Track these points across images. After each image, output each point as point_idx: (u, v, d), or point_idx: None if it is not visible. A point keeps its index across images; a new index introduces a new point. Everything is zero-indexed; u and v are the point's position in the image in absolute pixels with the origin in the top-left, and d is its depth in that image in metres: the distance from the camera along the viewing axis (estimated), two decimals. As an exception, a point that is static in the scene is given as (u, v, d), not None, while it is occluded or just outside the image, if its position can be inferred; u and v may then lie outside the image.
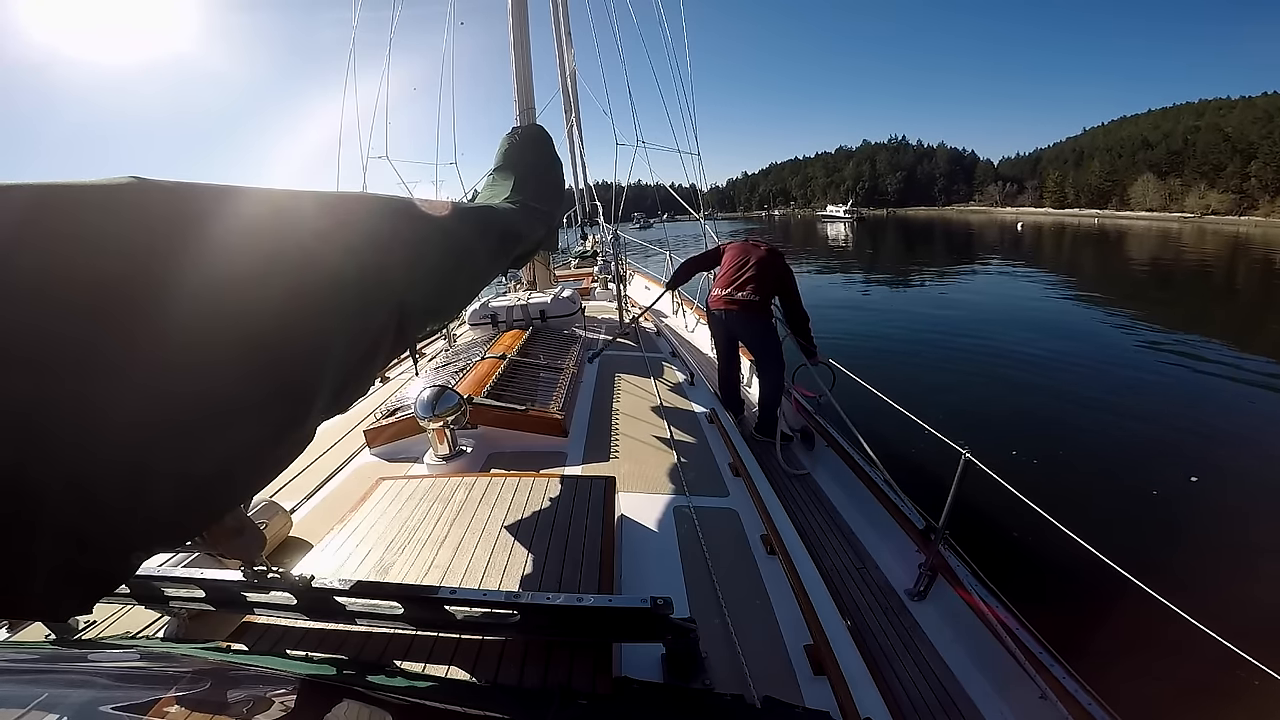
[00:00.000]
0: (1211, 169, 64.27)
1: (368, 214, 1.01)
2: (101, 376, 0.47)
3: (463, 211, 1.57)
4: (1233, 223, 54.26)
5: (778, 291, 3.54)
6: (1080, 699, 1.53)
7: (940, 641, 1.97)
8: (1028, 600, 1.89)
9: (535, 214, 2.29)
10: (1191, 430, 5.93)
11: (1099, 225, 56.49)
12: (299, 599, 0.97)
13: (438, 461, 1.98)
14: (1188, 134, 71.93)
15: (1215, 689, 2.03)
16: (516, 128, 3.07)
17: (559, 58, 6.58)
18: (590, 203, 8.53)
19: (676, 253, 6.98)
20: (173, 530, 0.60)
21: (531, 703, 0.82)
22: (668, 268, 7.09)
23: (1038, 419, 6.34)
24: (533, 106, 4.04)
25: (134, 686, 0.80)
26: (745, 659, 1.15)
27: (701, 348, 5.45)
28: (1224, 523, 4.14)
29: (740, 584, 1.44)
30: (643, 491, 1.80)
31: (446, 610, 0.94)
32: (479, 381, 2.36)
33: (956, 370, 8.25)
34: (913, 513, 2.41)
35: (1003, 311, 12.87)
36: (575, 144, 7.03)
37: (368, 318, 0.90)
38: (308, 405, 0.74)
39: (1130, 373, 8.15)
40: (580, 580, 1.16)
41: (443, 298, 1.30)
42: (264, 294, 0.67)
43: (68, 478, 0.45)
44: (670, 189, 5.53)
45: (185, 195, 0.61)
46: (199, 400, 0.57)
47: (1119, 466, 5.10)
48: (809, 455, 3.36)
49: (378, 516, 1.40)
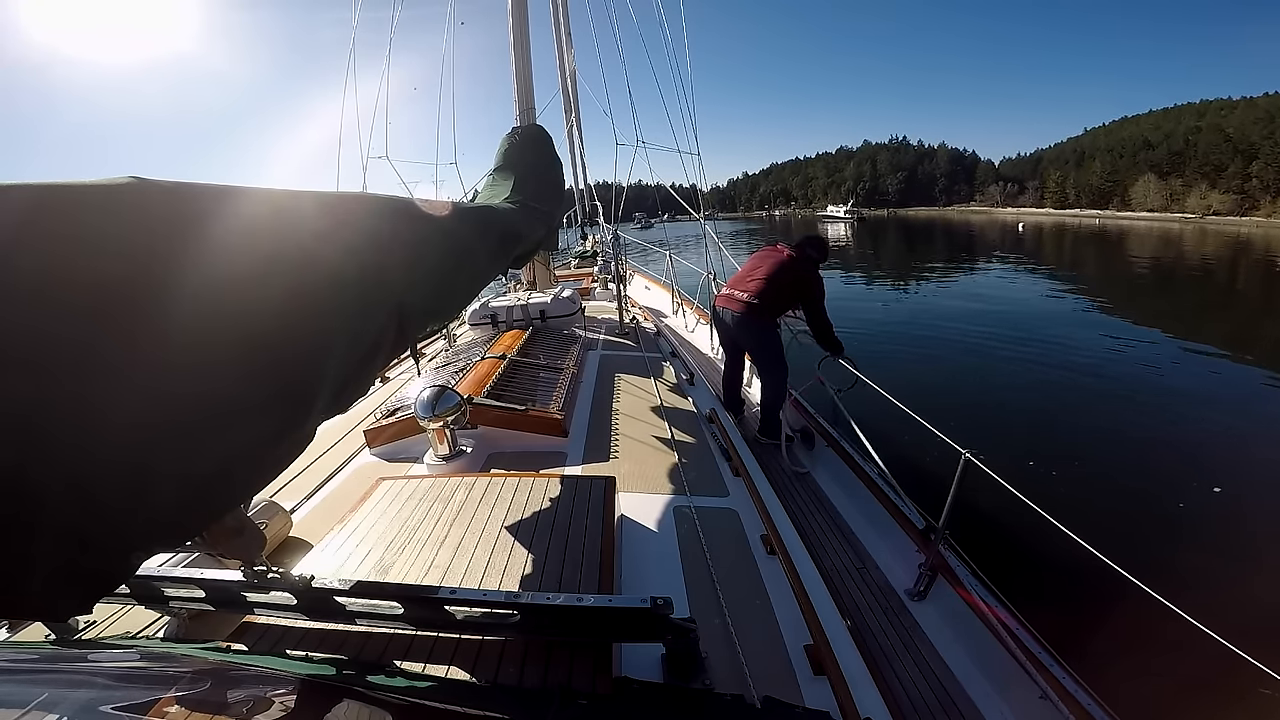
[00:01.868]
0: (1213, 169, 64.23)
1: (368, 214, 1.01)
2: (101, 377, 0.47)
3: (463, 212, 1.57)
4: (1234, 223, 54.22)
5: (796, 298, 3.43)
6: (1080, 699, 1.53)
7: (940, 641, 1.97)
8: (1028, 600, 1.90)
9: (535, 214, 2.29)
10: (1194, 429, 5.93)
11: (1100, 226, 56.47)
12: (299, 599, 0.97)
13: (438, 461, 1.98)
14: (1189, 134, 71.86)
15: (1215, 689, 2.03)
16: (516, 128, 3.07)
17: (559, 58, 6.59)
18: (590, 203, 8.53)
19: (677, 253, 6.98)
20: (173, 530, 0.60)
21: (531, 703, 0.82)
22: (668, 268, 7.10)
23: (1037, 418, 6.34)
24: (533, 106, 4.04)
25: (134, 686, 0.80)
26: (745, 659, 1.15)
27: (701, 348, 5.45)
28: (1223, 523, 4.14)
29: (740, 584, 1.44)
30: (643, 491, 1.80)
31: (446, 610, 0.94)
32: (479, 381, 2.37)
33: (957, 370, 8.26)
34: (913, 513, 2.41)
35: (1004, 311, 12.85)
36: (575, 144, 7.04)
37: (368, 318, 0.90)
38: (308, 405, 0.74)
39: (1129, 370, 8.15)
40: (580, 580, 1.16)
41: (443, 298, 1.30)
42: (264, 294, 0.67)
43: (68, 478, 0.45)
44: (670, 189, 5.53)
45: (185, 195, 0.61)
46: (199, 400, 0.57)
47: (1118, 466, 5.10)
48: (809, 455, 3.35)
49: (378, 517, 1.40)
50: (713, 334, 5.28)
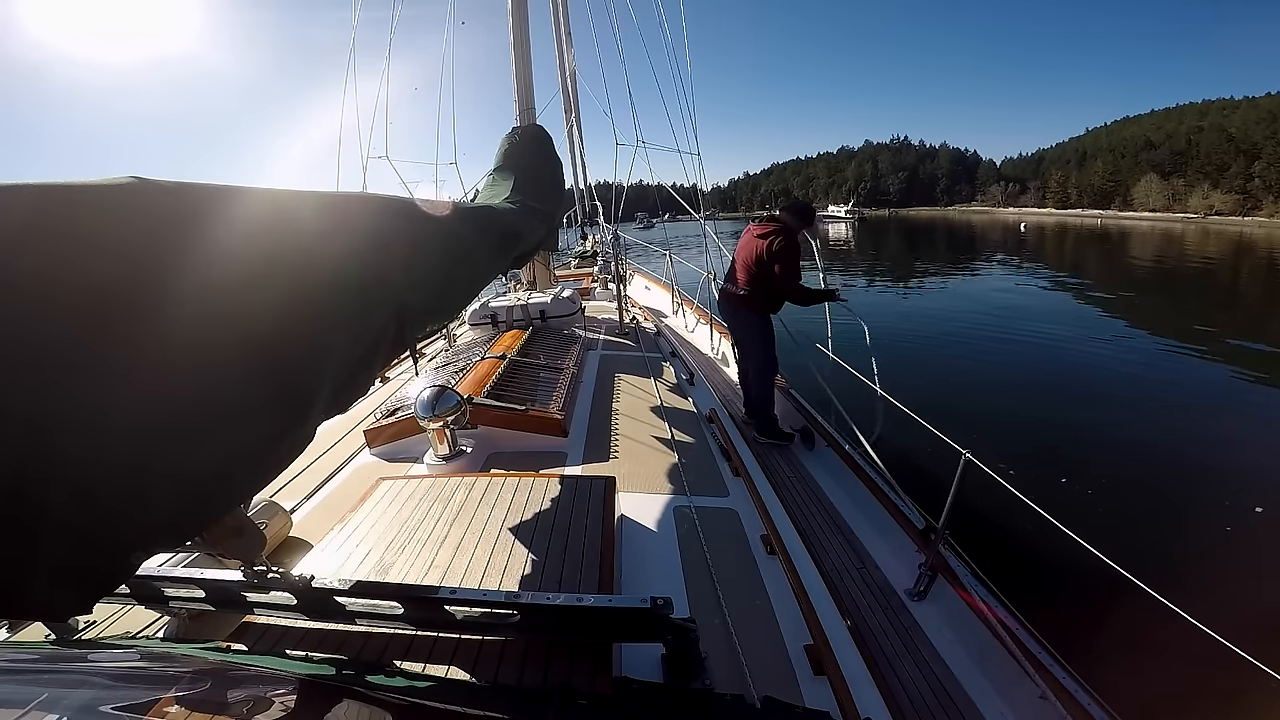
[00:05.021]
0: (1215, 169, 64.17)
1: (368, 214, 1.01)
2: (102, 377, 0.47)
3: (463, 212, 1.57)
4: (1236, 223, 54.16)
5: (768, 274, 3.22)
6: (1080, 699, 1.53)
7: (940, 641, 1.97)
8: (1028, 600, 1.89)
9: (535, 214, 2.29)
10: (1194, 428, 5.92)
11: (1102, 226, 56.40)
12: (299, 599, 0.97)
13: (438, 461, 1.99)
14: (1191, 134, 71.85)
15: (1215, 689, 2.03)
16: (516, 128, 3.07)
17: (559, 58, 6.58)
18: (590, 203, 8.52)
19: (677, 253, 6.98)
20: (173, 530, 0.60)
21: (531, 703, 0.82)
22: (668, 268, 7.09)
23: (1037, 418, 6.33)
24: (533, 106, 4.04)
25: (134, 686, 0.80)
26: (745, 659, 1.15)
27: (701, 348, 5.44)
28: (1224, 523, 4.13)
29: (740, 584, 1.44)
30: (643, 491, 1.80)
31: (446, 610, 0.94)
32: (479, 381, 2.37)
33: (958, 370, 8.24)
34: (913, 513, 2.41)
35: (1004, 311, 12.83)
36: (575, 144, 7.02)
37: (368, 318, 0.90)
38: (308, 405, 0.75)
39: (1129, 370, 8.13)
40: (580, 580, 1.16)
41: (443, 298, 1.30)
42: (264, 294, 0.67)
43: (68, 478, 0.45)
44: (671, 189, 5.52)
45: (186, 195, 0.61)
46: (199, 400, 0.57)
47: (1119, 466, 5.08)
48: (809, 455, 3.35)
49: (378, 516, 1.40)
50: (713, 334, 5.28)
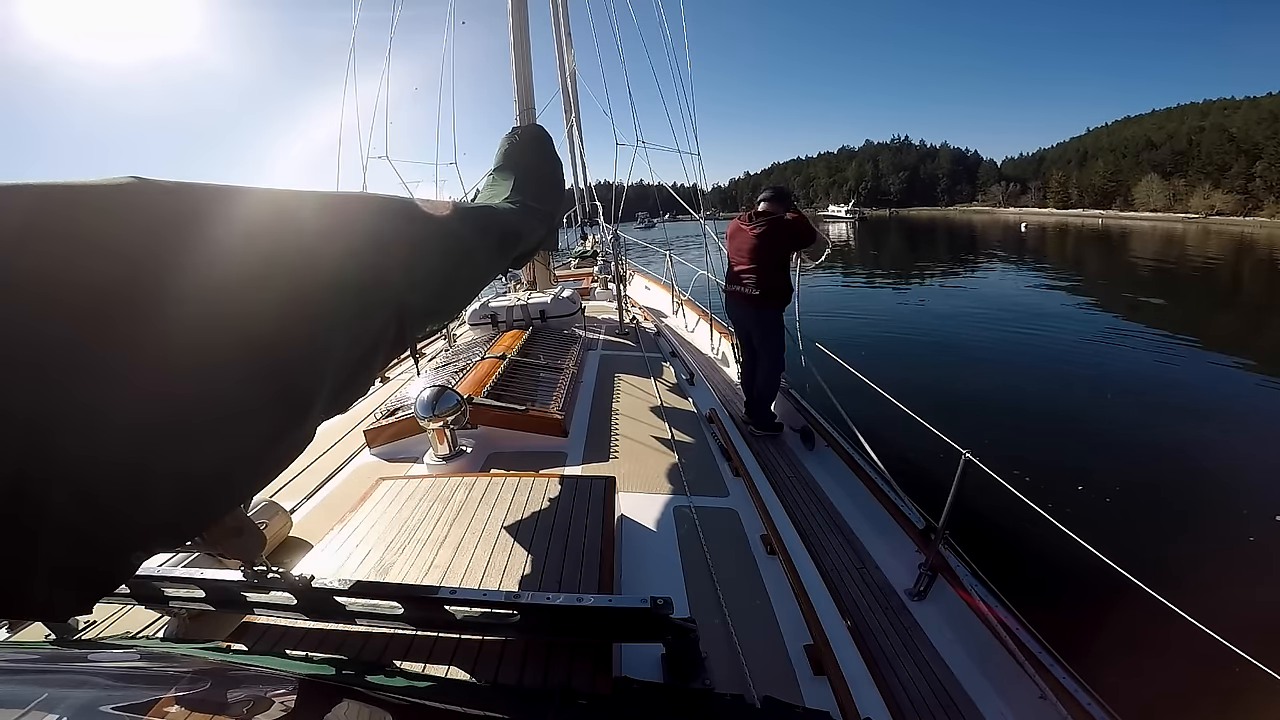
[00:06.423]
0: (1216, 169, 64.15)
1: (368, 214, 1.01)
2: (102, 377, 0.47)
3: (463, 212, 1.58)
4: (1238, 223, 54.12)
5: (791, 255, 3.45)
6: (1080, 699, 1.53)
7: (940, 641, 1.97)
8: (1028, 600, 1.89)
9: (535, 214, 2.29)
10: (1195, 429, 5.92)
11: (1103, 225, 56.38)
12: (299, 599, 0.97)
13: (438, 461, 1.99)
14: (1192, 134, 71.81)
15: (1215, 689, 2.03)
16: (516, 128, 3.07)
17: (559, 58, 6.58)
18: (590, 203, 8.52)
19: (677, 253, 6.98)
20: (173, 530, 0.60)
21: (531, 703, 0.82)
22: (668, 268, 7.09)
23: (1037, 418, 6.33)
24: (533, 106, 4.04)
25: (134, 686, 0.80)
26: (745, 659, 1.15)
27: (701, 348, 5.44)
28: (1224, 523, 4.13)
29: (740, 584, 1.44)
30: (643, 491, 1.80)
31: (446, 610, 0.94)
32: (479, 381, 2.37)
33: (958, 370, 8.23)
34: (913, 513, 2.41)
35: (1005, 311, 12.83)
36: (575, 144, 7.01)
37: (368, 318, 0.90)
38: (308, 405, 0.75)
39: (1128, 369, 8.13)
40: (580, 580, 1.16)
41: (443, 298, 1.30)
42: (264, 294, 0.67)
43: (68, 478, 0.45)
44: (671, 189, 5.52)
45: (186, 195, 0.61)
46: (199, 400, 0.57)
47: (1119, 466, 5.08)
48: (809, 455, 3.35)
49: (378, 516, 1.40)
50: (713, 334, 5.28)
